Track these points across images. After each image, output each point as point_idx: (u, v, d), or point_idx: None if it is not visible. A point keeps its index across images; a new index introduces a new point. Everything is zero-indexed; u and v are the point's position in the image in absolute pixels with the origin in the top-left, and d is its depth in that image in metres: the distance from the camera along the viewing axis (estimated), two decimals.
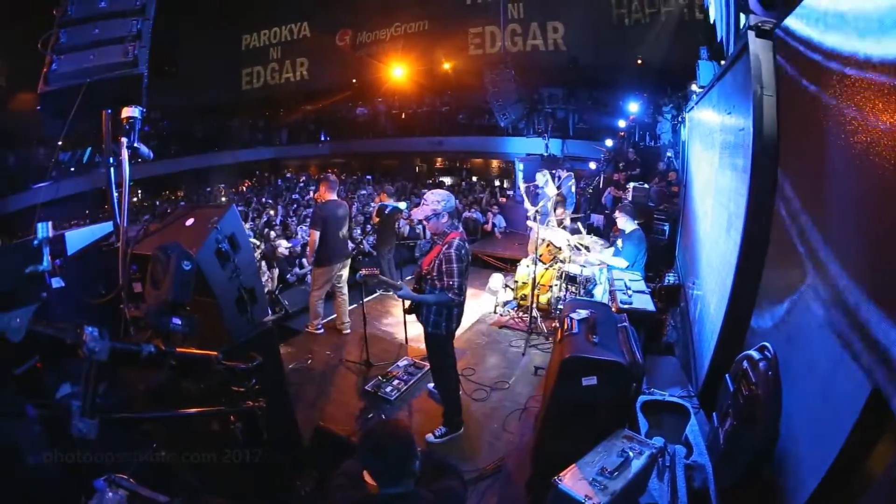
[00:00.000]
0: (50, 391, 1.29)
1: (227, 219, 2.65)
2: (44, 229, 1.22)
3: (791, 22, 2.51)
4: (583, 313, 2.48)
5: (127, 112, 2.35)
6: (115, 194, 2.45)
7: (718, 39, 5.37)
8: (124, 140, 2.33)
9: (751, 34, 2.83)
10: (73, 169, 15.62)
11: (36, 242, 1.20)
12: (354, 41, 21.64)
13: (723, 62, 4.47)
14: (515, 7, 18.11)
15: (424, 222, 3.56)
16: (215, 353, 2.12)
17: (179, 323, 1.73)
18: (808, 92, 2.22)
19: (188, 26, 18.23)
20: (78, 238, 2.43)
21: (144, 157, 2.59)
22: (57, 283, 2.15)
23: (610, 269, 4.46)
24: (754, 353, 2.04)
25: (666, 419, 2.61)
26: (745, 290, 2.73)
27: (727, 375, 2.24)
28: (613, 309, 3.03)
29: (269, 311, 5.80)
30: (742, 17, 3.37)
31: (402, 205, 4.72)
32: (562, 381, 2.17)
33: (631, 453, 1.85)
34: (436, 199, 3.43)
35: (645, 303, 3.02)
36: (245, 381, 2.33)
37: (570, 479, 1.74)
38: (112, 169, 2.42)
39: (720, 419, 2.18)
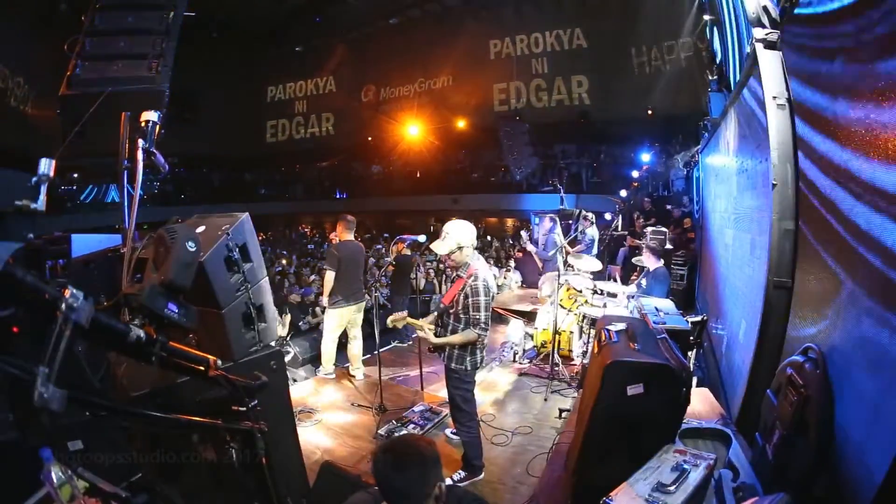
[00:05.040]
0: (21, 356, 1.12)
1: (239, 228, 2.55)
2: (46, 165, 1.09)
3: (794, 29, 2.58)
4: (620, 325, 2.27)
5: (146, 115, 2.33)
6: (127, 197, 2.38)
7: (726, 77, 5.48)
8: (141, 142, 2.29)
9: (759, 46, 2.90)
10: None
11: (35, 179, 1.07)
12: (378, 97, 22.11)
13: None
14: (539, 62, 18.28)
15: (445, 258, 3.41)
16: (213, 357, 1.94)
17: (176, 311, 1.56)
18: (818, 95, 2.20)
19: (210, 74, 18.96)
20: (85, 242, 2.34)
21: (160, 166, 2.55)
22: None
23: (637, 297, 4.27)
24: (798, 357, 1.86)
25: (705, 447, 2.32)
26: (778, 301, 2.63)
27: (768, 390, 2.06)
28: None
29: None
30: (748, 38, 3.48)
31: (422, 237, 4.64)
32: (604, 391, 1.92)
33: (686, 465, 1.58)
34: (457, 230, 3.28)
35: (678, 321, 2.80)
36: (246, 398, 2.13)
37: (623, 498, 1.46)
38: (126, 172, 2.38)
39: (765, 436, 1.96)
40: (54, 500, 0.97)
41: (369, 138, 21.67)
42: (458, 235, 3.24)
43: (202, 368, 1.87)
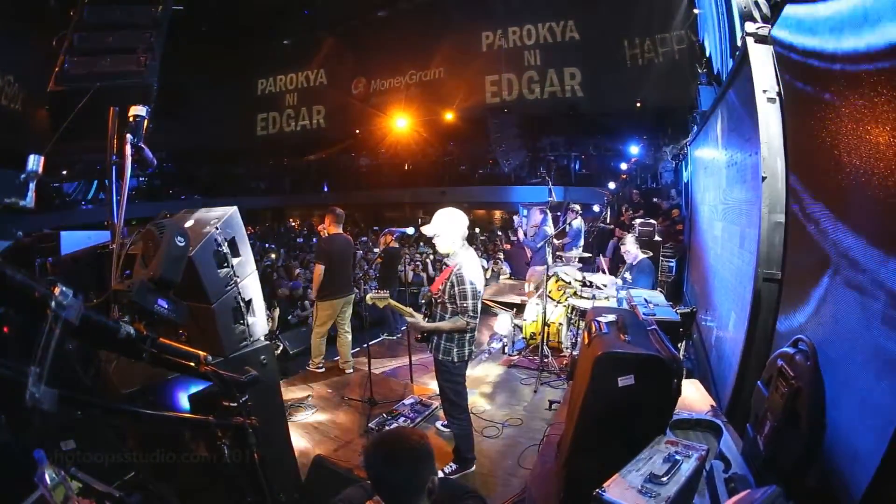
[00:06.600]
0: (10, 356, 1.10)
1: (228, 221, 2.53)
2: (34, 162, 1.06)
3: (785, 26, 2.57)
4: (610, 317, 2.29)
5: (134, 110, 2.28)
6: (115, 194, 2.33)
7: (716, 71, 5.52)
8: (129, 137, 2.24)
9: (749, 40, 2.90)
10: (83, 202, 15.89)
11: (23, 176, 1.04)
12: (369, 89, 21.79)
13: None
14: (532, 54, 18.15)
15: (435, 242, 3.42)
16: (203, 353, 1.93)
17: (165, 306, 1.54)
18: (809, 90, 2.22)
19: (199, 68, 18.63)
20: (73, 239, 2.29)
21: (148, 161, 2.50)
22: None
23: (625, 289, 4.31)
24: (788, 349, 1.87)
25: (696, 439, 2.36)
26: (768, 294, 2.67)
27: (759, 382, 2.08)
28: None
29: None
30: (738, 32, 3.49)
31: (410, 230, 4.62)
32: (595, 383, 1.94)
33: (678, 457, 1.61)
34: (442, 217, 3.31)
35: (668, 313, 2.83)
36: (237, 394, 2.12)
37: (616, 489, 1.48)
38: (114, 167, 2.33)
39: (756, 427, 1.98)
40: (48, 501, 0.96)
41: (357, 131, 21.44)
42: (441, 222, 3.29)
43: (192, 364, 1.86)
